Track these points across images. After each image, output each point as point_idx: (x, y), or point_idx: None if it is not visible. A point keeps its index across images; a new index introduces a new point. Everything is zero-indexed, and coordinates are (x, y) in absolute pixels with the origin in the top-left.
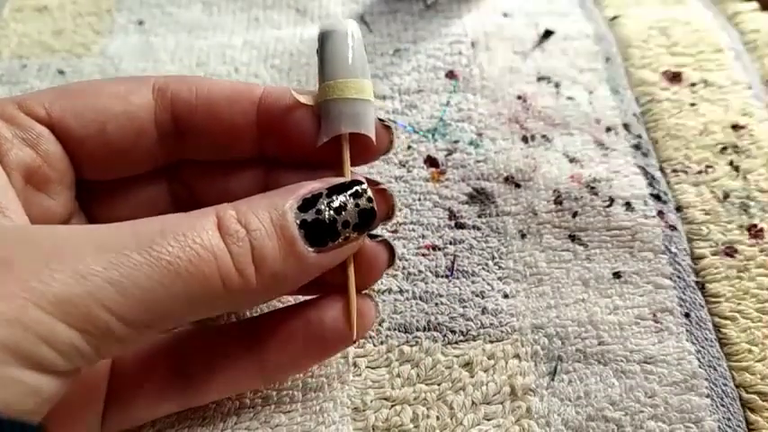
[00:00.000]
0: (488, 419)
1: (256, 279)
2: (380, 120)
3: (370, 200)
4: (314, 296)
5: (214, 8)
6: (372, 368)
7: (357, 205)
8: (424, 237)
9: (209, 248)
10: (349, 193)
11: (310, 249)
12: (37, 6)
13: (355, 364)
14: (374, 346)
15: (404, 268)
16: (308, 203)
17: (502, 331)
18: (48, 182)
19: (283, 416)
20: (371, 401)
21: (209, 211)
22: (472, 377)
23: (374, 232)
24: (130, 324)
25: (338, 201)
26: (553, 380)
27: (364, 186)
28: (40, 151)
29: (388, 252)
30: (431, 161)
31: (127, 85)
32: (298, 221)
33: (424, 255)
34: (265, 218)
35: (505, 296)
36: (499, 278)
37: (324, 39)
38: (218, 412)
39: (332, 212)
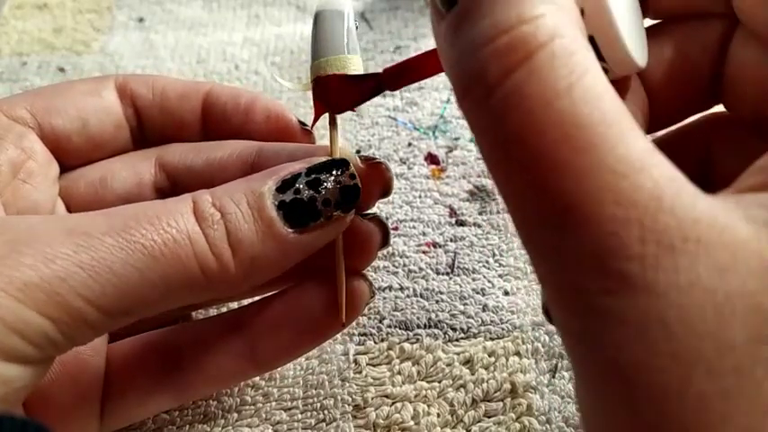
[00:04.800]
0: (489, 417)
1: (234, 263)
2: (302, 123)
3: (352, 176)
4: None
5: (214, 5)
6: (373, 365)
7: (339, 182)
8: (424, 234)
9: (184, 232)
10: (329, 170)
11: (290, 230)
12: (37, 4)
13: (356, 362)
14: (375, 343)
15: (404, 265)
16: (286, 184)
17: (502, 328)
18: (34, 174)
19: (284, 413)
20: (372, 399)
21: (186, 197)
22: (473, 374)
23: (370, 211)
24: (105, 311)
25: (317, 179)
26: (554, 377)
27: (345, 162)
28: (25, 148)
29: (381, 231)
30: (431, 158)
31: (94, 83)
32: (276, 203)
33: (424, 252)
34: (242, 201)
35: (506, 293)
36: (500, 275)
37: (319, 18)
38: (218, 409)
39: (311, 191)
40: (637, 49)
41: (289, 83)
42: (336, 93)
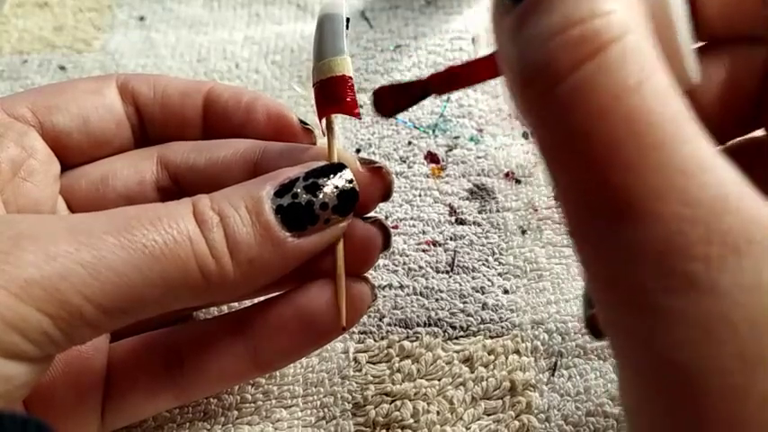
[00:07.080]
0: (488, 414)
1: (233, 266)
2: (302, 122)
3: (350, 181)
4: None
5: (215, 4)
6: (373, 363)
7: (336, 187)
8: (424, 232)
9: (185, 233)
10: (327, 175)
11: (288, 234)
12: (38, 2)
13: (356, 360)
14: (375, 341)
15: (404, 264)
16: (284, 188)
17: (502, 327)
18: (35, 172)
19: (284, 411)
20: (372, 396)
21: (186, 201)
22: (472, 372)
23: (370, 213)
24: (104, 310)
25: (315, 183)
26: (553, 375)
27: (343, 167)
28: (25, 146)
29: (382, 234)
30: (431, 157)
31: (95, 82)
32: (274, 207)
33: (424, 250)
34: (240, 205)
35: (506, 292)
36: (499, 274)
37: (326, 21)
38: (219, 407)
39: (308, 195)
40: (692, 66)
41: (303, 89)
42: (388, 100)
